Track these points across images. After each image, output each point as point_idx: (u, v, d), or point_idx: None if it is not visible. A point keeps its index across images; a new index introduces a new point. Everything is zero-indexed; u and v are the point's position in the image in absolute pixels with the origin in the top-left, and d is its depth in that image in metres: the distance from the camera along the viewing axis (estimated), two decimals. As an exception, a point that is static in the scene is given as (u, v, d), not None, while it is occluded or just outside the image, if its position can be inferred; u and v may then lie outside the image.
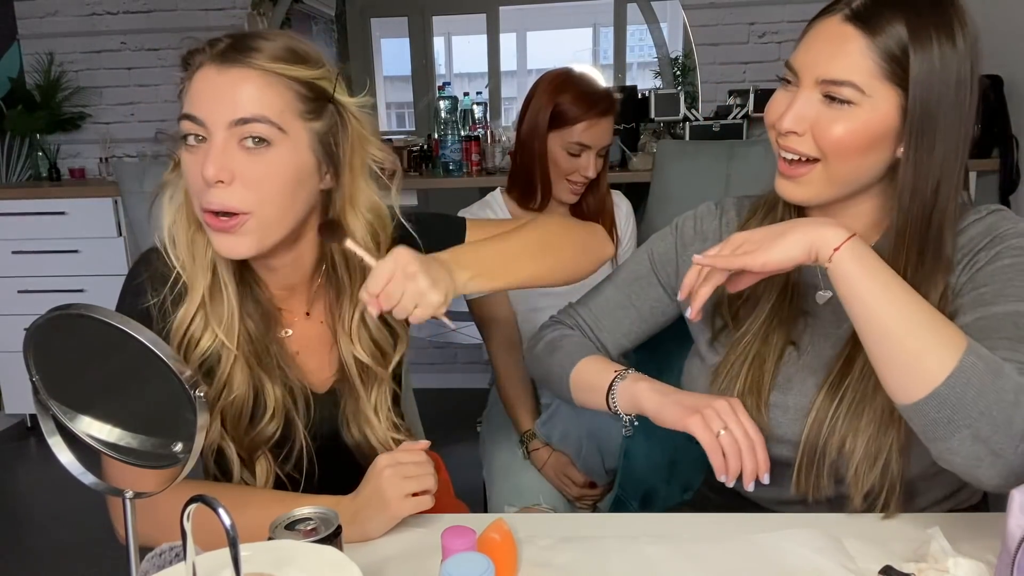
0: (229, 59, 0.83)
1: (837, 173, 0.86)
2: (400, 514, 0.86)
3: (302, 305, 1.01)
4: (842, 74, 0.81)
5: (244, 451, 0.95)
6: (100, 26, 3.44)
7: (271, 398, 0.94)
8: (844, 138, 0.83)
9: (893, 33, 0.80)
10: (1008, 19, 2.56)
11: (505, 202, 1.70)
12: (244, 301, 0.93)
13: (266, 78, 0.83)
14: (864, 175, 0.87)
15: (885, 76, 0.81)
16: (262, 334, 0.94)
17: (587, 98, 1.57)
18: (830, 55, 0.82)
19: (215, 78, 0.83)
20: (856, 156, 0.84)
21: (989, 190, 2.59)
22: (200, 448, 0.57)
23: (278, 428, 0.95)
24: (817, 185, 0.87)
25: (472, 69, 3.86)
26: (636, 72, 3.67)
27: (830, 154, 0.84)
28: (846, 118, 0.82)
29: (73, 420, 0.61)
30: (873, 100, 0.81)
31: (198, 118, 0.83)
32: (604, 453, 1.42)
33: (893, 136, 0.84)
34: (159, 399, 0.57)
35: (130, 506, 0.61)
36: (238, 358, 0.91)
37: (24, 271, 3.01)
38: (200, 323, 0.90)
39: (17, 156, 3.45)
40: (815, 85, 0.84)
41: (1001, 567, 0.65)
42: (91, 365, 0.60)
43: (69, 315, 0.56)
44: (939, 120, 0.82)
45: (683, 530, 0.88)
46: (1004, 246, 0.84)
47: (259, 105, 0.82)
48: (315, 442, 0.99)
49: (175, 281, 0.90)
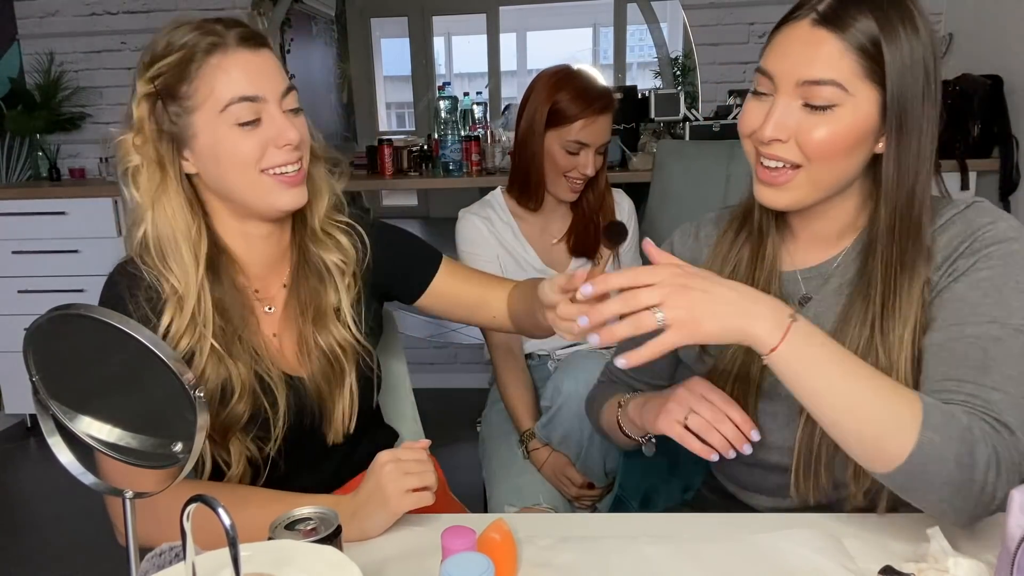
0: (253, 42, 0.93)
1: (820, 177, 0.86)
2: (400, 510, 0.86)
3: (278, 278, 1.05)
4: (824, 74, 0.82)
5: (217, 434, 0.96)
6: (100, 26, 3.44)
7: (238, 381, 0.95)
8: (828, 141, 0.83)
9: (864, 30, 0.80)
10: (1008, 19, 2.56)
11: (505, 201, 1.71)
12: (220, 293, 0.96)
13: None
14: (845, 176, 0.87)
15: (864, 74, 0.81)
16: (236, 324, 0.97)
17: (585, 95, 1.56)
18: (808, 59, 0.82)
19: (253, 59, 0.93)
20: (839, 158, 0.85)
21: (989, 190, 2.59)
22: (200, 448, 0.57)
23: (247, 409, 0.97)
24: (801, 190, 0.87)
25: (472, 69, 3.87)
26: (636, 72, 3.67)
27: (814, 159, 0.84)
28: (828, 122, 0.83)
29: (73, 420, 0.61)
30: (855, 99, 0.82)
31: (257, 96, 0.92)
32: (604, 456, 1.43)
33: (873, 133, 0.84)
34: (158, 399, 0.57)
35: (130, 506, 0.61)
36: (213, 350, 0.94)
37: (24, 271, 3.01)
38: (180, 324, 0.92)
39: (17, 156, 3.45)
40: (794, 90, 0.83)
41: (1001, 567, 0.65)
42: (91, 365, 0.60)
43: (69, 315, 0.56)
44: (914, 111, 0.82)
45: (683, 530, 0.88)
46: (981, 255, 0.83)
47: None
48: (291, 420, 1.00)
49: (152, 289, 0.94)
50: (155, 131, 0.93)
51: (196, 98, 0.91)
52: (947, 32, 3.01)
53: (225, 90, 0.90)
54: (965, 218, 0.87)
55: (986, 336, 0.79)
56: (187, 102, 0.91)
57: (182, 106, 0.92)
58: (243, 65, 0.91)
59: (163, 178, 0.94)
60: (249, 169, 0.93)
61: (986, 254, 0.83)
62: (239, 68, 0.91)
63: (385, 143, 3.03)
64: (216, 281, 0.96)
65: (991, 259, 0.83)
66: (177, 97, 0.91)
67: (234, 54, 0.91)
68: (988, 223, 0.85)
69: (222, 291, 0.97)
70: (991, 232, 0.84)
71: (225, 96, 0.90)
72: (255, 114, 0.92)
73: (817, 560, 0.79)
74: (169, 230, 0.93)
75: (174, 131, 0.93)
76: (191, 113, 0.92)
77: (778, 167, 0.87)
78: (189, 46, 0.90)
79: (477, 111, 3.27)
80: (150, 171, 0.93)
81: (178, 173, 0.94)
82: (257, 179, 0.94)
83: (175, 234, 0.93)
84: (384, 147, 3.01)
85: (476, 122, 3.24)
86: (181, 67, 0.90)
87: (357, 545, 0.85)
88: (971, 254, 0.84)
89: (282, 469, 1.02)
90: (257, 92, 0.91)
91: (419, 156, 3.16)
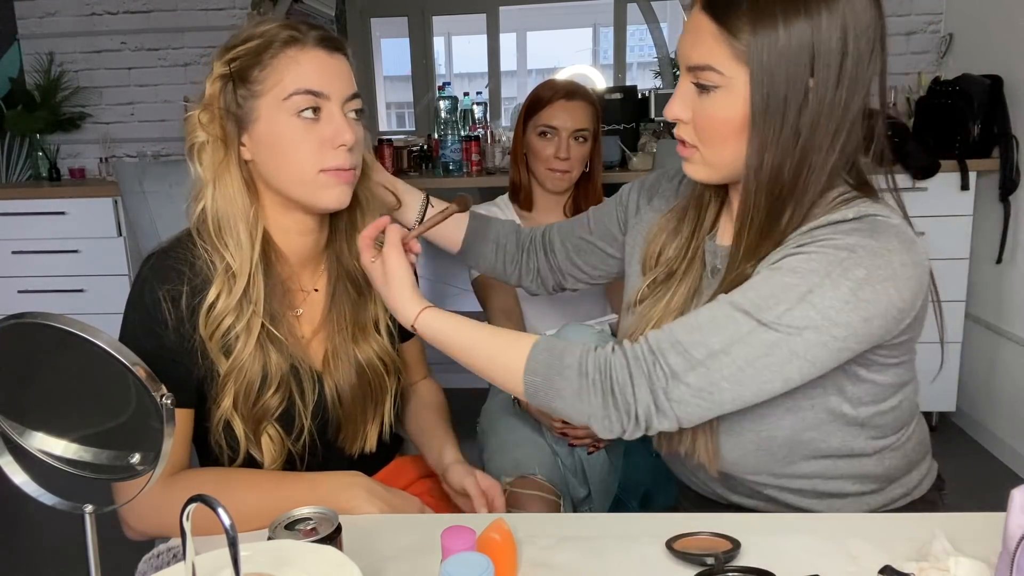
0: (330, 44, 0.96)
1: (713, 158, 0.88)
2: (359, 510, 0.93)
3: (310, 281, 1.06)
4: (702, 58, 0.84)
5: (250, 425, 0.98)
6: (100, 26, 3.44)
7: (276, 370, 0.98)
8: (713, 123, 0.85)
9: (738, 15, 0.80)
10: (1008, 19, 2.56)
11: (511, 203, 1.82)
12: (268, 279, 0.99)
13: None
14: (738, 159, 0.86)
15: (738, 58, 0.82)
16: (277, 311, 0.99)
17: (555, 84, 1.73)
18: (692, 44, 0.85)
19: (327, 59, 0.95)
20: (728, 141, 0.85)
21: (989, 190, 2.59)
22: (168, 455, 0.56)
23: (282, 401, 0.99)
24: (702, 168, 0.90)
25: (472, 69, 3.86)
26: (636, 72, 3.66)
27: (704, 140, 0.87)
28: (712, 103, 0.84)
29: (23, 436, 0.58)
30: (733, 82, 0.82)
31: (322, 92, 0.94)
32: None
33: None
34: (120, 408, 0.55)
35: (90, 521, 0.59)
36: (260, 335, 0.96)
37: (24, 271, 3.00)
38: (224, 300, 0.95)
39: (17, 156, 3.45)
40: (687, 73, 0.87)
41: (1001, 567, 0.65)
42: (46, 377, 0.58)
43: (24, 324, 0.53)
44: (788, 99, 0.81)
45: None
46: (806, 248, 0.81)
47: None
48: (315, 420, 1.02)
49: (198, 269, 0.96)
50: (222, 111, 0.96)
51: (265, 84, 0.94)
52: (947, 32, 3.01)
53: (293, 80, 0.93)
54: (839, 227, 0.82)
55: (726, 311, 0.80)
56: (256, 86, 0.94)
57: (250, 90, 0.94)
58: (315, 62, 0.94)
59: (226, 156, 0.96)
60: (304, 164, 0.95)
61: (808, 252, 0.80)
62: (311, 63, 0.94)
63: (385, 143, 3.03)
64: (267, 267, 0.99)
65: (808, 257, 0.80)
66: (248, 81, 0.94)
67: (310, 51, 0.94)
68: (845, 232, 0.80)
69: (270, 279, 0.99)
70: (837, 241, 0.80)
71: (291, 86, 0.93)
72: (316, 107, 0.94)
73: (817, 560, 0.79)
74: (228, 207, 0.96)
75: (239, 113, 0.95)
76: (257, 97, 0.94)
77: (683, 143, 0.91)
78: (269, 36, 0.94)
79: (477, 111, 3.27)
80: (214, 148, 0.96)
81: (238, 155, 0.97)
82: (309, 174, 0.96)
83: (234, 212, 0.96)
84: (384, 147, 3.01)
85: (476, 122, 3.24)
86: (257, 53, 0.94)
87: (357, 545, 0.84)
88: (796, 247, 0.82)
89: (319, 459, 1.04)
90: (323, 88, 0.94)
91: (419, 156, 3.16)
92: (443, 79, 3.64)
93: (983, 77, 2.56)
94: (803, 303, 0.78)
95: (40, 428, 0.59)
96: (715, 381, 0.79)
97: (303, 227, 1.02)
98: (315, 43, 0.94)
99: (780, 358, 0.79)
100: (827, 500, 0.95)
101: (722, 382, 0.79)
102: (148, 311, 0.94)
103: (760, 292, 0.80)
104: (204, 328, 0.94)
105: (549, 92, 1.71)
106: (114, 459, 0.58)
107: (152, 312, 0.94)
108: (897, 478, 0.97)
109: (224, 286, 0.95)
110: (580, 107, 1.70)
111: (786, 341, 0.78)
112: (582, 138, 1.71)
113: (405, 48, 3.77)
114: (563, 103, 1.70)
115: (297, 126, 0.94)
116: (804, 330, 0.78)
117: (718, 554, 0.77)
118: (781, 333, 0.78)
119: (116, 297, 3.01)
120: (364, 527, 0.87)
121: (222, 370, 0.95)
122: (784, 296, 0.79)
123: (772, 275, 0.81)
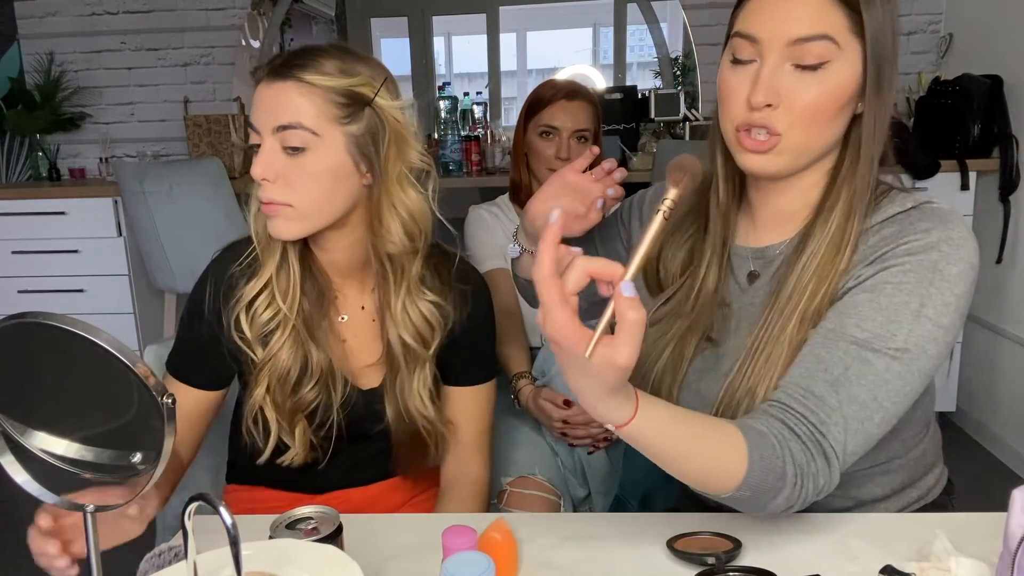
0: (278, 74, 0.94)
1: (803, 142, 0.83)
2: None
3: (358, 297, 1.09)
4: (815, 28, 0.79)
5: (284, 416, 1.03)
6: (100, 26, 3.44)
7: (317, 366, 1.02)
8: (819, 102, 0.80)
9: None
10: (1008, 19, 2.56)
11: (511, 202, 1.81)
12: (304, 279, 1.03)
13: (301, 88, 0.93)
14: (827, 143, 0.84)
15: (850, 27, 0.80)
16: (316, 309, 1.04)
17: (557, 83, 1.73)
18: (797, 17, 0.79)
19: (264, 91, 0.95)
20: (826, 122, 0.82)
21: (989, 190, 2.59)
22: (169, 454, 0.55)
23: (318, 396, 1.03)
24: (786, 156, 0.84)
25: (472, 69, 3.86)
26: (636, 72, 3.67)
27: (801, 123, 0.81)
28: (819, 81, 0.80)
29: (24, 435, 0.58)
30: (844, 54, 0.80)
31: (254, 126, 0.96)
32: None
33: (857, 94, 0.82)
34: (121, 408, 0.55)
35: (91, 520, 0.59)
36: (294, 328, 1.01)
37: (24, 271, 3.00)
38: (266, 296, 1.01)
39: (17, 156, 3.45)
40: (784, 51, 0.80)
41: (1002, 567, 0.65)
42: (45, 377, 0.58)
43: (25, 324, 0.53)
44: (887, 70, 0.82)
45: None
46: (896, 264, 0.81)
47: (295, 113, 0.93)
48: (346, 422, 1.05)
49: (248, 259, 1.03)
50: None
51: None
52: (947, 32, 3.01)
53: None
54: (906, 220, 0.83)
55: (854, 354, 0.79)
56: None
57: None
58: (258, 94, 0.97)
59: None
60: (254, 197, 1.00)
61: (901, 263, 0.80)
62: (256, 96, 0.97)
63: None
64: (304, 265, 1.03)
65: (905, 269, 0.80)
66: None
67: (262, 83, 0.96)
68: (922, 231, 0.81)
69: (309, 276, 1.03)
70: (919, 242, 0.81)
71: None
72: (257, 143, 0.96)
73: (818, 560, 0.79)
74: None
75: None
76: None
77: (760, 136, 0.83)
78: (258, 77, 0.98)
79: (477, 111, 3.27)
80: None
81: None
82: (255, 207, 1.00)
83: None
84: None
85: (476, 122, 3.24)
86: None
87: (357, 545, 0.84)
88: (884, 260, 0.81)
89: (340, 458, 1.08)
90: (254, 121, 0.97)
91: (419, 156, 3.16)
92: (443, 79, 3.65)
93: (983, 77, 2.56)
94: (920, 319, 0.79)
95: (41, 427, 0.59)
96: (870, 432, 0.79)
97: (319, 244, 1.04)
98: (265, 74, 0.96)
99: (913, 383, 0.80)
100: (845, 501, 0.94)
101: (873, 428, 0.79)
102: (201, 297, 1.04)
103: (876, 320, 0.79)
104: (245, 319, 1.01)
105: (550, 92, 1.71)
106: (115, 458, 0.59)
107: (203, 298, 1.03)
108: (913, 482, 0.96)
109: (264, 283, 1.01)
110: (581, 107, 1.70)
111: (916, 362, 0.79)
112: (583, 138, 1.71)
113: (405, 48, 3.77)
114: (564, 103, 1.70)
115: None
116: (927, 345, 0.79)
117: (719, 554, 0.78)
118: (914, 352, 0.79)
119: (116, 297, 3.01)
120: (365, 527, 0.87)
121: (258, 360, 1.02)
122: (900, 317, 0.79)
123: (877, 298, 0.80)
